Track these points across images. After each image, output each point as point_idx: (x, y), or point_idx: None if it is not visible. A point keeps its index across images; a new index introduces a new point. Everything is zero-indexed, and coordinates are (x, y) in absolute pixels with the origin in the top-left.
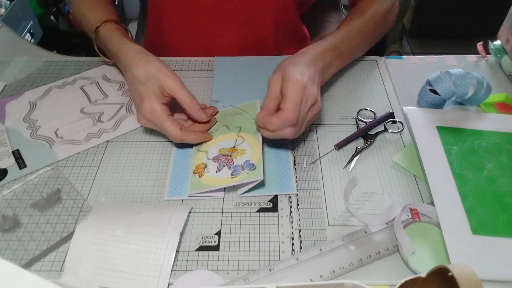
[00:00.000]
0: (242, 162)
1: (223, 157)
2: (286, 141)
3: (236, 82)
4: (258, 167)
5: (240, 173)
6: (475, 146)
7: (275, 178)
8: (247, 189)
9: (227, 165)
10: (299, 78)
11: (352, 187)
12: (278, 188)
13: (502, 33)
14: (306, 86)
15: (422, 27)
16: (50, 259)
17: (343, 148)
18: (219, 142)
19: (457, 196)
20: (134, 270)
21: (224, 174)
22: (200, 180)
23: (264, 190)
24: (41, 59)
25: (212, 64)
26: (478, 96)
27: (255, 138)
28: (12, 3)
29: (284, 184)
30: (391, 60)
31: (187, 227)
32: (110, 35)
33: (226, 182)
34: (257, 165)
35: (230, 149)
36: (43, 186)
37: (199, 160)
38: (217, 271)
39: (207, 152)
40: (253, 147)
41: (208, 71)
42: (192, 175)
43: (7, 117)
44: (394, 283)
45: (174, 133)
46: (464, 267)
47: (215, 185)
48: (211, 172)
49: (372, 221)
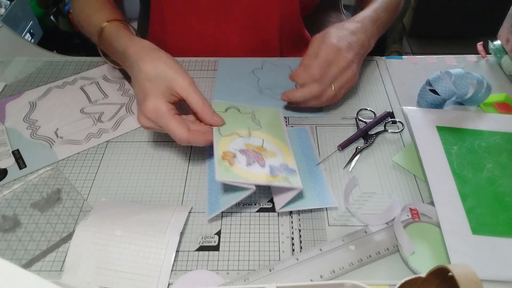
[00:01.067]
0: (278, 165)
1: (251, 152)
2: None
3: (239, 84)
4: (298, 173)
5: (279, 175)
6: (475, 146)
7: (311, 189)
8: (286, 203)
9: (258, 162)
10: (334, 41)
11: (352, 187)
12: (318, 201)
13: (502, 33)
14: (341, 50)
15: (422, 27)
16: (50, 259)
17: (348, 138)
18: (244, 137)
19: (457, 196)
20: (134, 270)
21: (259, 170)
22: (231, 169)
23: (304, 203)
24: (41, 59)
25: (215, 65)
26: (478, 96)
27: (284, 145)
28: (12, 3)
29: (323, 196)
30: (391, 60)
31: (187, 227)
32: (115, 33)
33: (263, 179)
34: (296, 171)
35: (259, 147)
36: (43, 186)
37: (224, 146)
38: (217, 271)
39: (231, 142)
40: (283, 152)
41: (210, 71)
42: (220, 160)
43: (7, 117)
44: (394, 283)
45: (180, 135)
46: (464, 267)
47: (249, 179)
48: (242, 164)
49: (372, 221)
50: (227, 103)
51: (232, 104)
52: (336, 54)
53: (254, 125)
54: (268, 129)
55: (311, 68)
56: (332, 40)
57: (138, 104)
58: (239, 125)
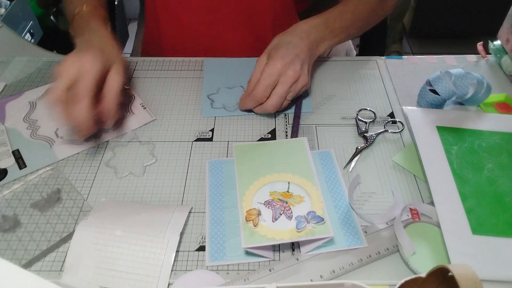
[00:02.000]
0: (305, 213)
1: (277, 203)
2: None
3: (225, 84)
4: (327, 222)
5: (306, 227)
6: (475, 146)
7: (340, 229)
8: (314, 248)
9: (285, 214)
10: (277, 63)
11: (356, 185)
12: (346, 241)
13: (502, 33)
14: (287, 67)
15: (422, 27)
16: (50, 259)
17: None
18: (268, 183)
19: (457, 196)
20: (134, 270)
21: (285, 225)
22: (256, 231)
23: (333, 246)
24: (41, 59)
25: (202, 65)
26: (478, 96)
27: (312, 184)
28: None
29: (352, 235)
30: (391, 60)
31: (187, 227)
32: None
33: (290, 236)
34: (326, 219)
35: (284, 194)
36: (43, 186)
37: (249, 203)
38: (217, 271)
39: (255, 195)
40: (311, 194)
41: (198, 71)
42: (244, 223)
43: (7, 117)
44: (394, 283)
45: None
46: (464, 267)
47: (276, 239)
48: (267, 221)
49: (376, 220)
50: (246, 144)
51: (252, 144)
52: (279, 75)
53: (277, 165)
54: (293, 166)
55: (255, 96)
56: (275, 62)
57: (73, 52)
58: (261, 168)
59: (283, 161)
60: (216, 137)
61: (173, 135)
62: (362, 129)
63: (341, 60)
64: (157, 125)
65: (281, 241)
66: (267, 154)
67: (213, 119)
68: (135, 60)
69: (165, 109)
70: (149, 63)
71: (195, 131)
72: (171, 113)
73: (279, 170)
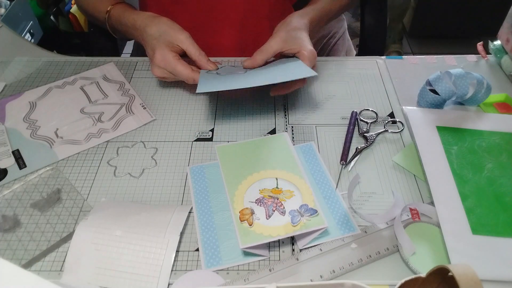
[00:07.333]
0: (297, 207)
1: (268, 200)
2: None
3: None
4: (320, 213)
5: (301, 220)
6: (475, 146)
7: (331, 218)
8: (310, 240)
9: (278, 210)
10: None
11: (356, 184)
12: (340, 230)
13: (502, 33)
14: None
15: (422, 27)
16: (50, 259)
17: (343, 148)
18: (256, 181)
19: (457, 196)
20: (134, 270)
21: (280, 221)
22: (252, 230)
23: (328, 236)
24: (41, 59)
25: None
26: (478, 96)
27: (299, 177)
28: (12, 3)
29: (344, 224)
30: (391, 60)
31: (187, 227)
32: (122, 11)
33: (286, 231)
34: (318, 210)
35: (274, 190)
36: (43, 186)
37: (240, 203)
38: (217, 271)
39: (246, 194)
40: (300, 187)
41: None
42: (239, 223)
43: (7, 117)
44: (394, 283)
45: (186, 74)
46: (464, 267)
47: (273, 235)
48: (261, 219)
49: (376, 220)
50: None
51: (234, 144)
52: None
53: (263, 162)
54: (279, 162)
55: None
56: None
57: (150, 59)
58: (247, 167)
59: (268, 158)
60: (216, 137)
61: (173, 135)
62: (363, 129)
63: (341, 60)
64: (157, 125)
65: (278, 237)
66: (251, 152)
67: (213, 119)
68: (135, 60)
69: (165, 109)
70: (149, 63)
71: (195, 131)
72: (171, 113)
73: (265, 167)
